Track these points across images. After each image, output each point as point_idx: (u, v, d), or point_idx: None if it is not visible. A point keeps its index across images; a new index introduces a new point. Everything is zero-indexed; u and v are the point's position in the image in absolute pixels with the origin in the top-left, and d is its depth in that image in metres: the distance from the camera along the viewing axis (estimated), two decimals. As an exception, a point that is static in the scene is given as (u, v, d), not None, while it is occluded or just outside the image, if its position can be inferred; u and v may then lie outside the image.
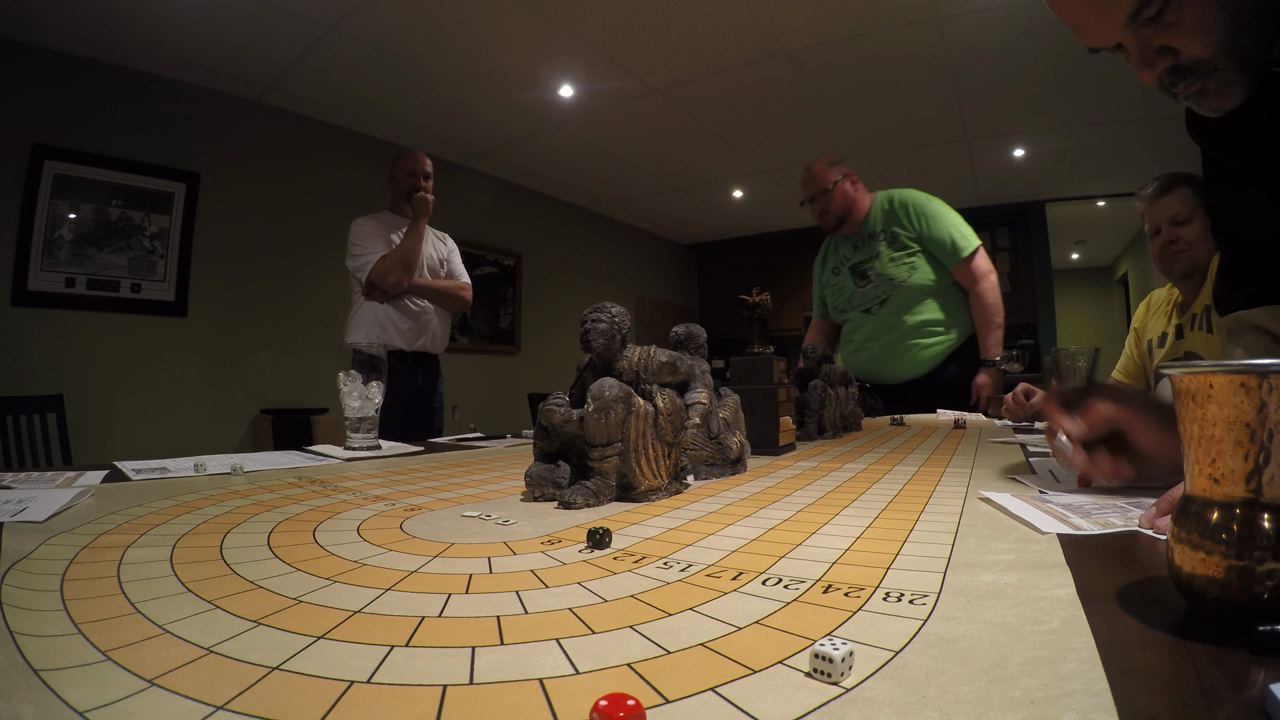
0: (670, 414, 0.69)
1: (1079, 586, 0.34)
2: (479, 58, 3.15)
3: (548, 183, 5.10)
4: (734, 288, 2.87)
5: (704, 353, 0.91)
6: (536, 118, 3.84)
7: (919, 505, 0.58)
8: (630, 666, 0.25)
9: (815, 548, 0.44)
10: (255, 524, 0.52)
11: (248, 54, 3.02)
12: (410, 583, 0.37)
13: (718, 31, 2.95)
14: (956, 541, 0.44)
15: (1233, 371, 0.27)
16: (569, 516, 0.56)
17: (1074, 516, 0.51)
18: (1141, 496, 0.58)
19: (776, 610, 0.32)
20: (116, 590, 0.35)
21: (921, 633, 0.28)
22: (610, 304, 0.72)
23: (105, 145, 2.99)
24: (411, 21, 2.82)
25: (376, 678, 0.24)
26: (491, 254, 4.84)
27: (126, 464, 0.90)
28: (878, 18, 2.85)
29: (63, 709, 0.22)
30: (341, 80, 3.33)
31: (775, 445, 1.03)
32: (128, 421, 3.03)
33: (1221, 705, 0.22)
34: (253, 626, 0.30)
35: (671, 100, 3.65)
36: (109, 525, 0.51)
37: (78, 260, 2.91)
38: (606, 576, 0.38)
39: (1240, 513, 0.27)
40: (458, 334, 4.56)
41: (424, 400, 2.21)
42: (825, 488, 0.69)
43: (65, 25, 2.70)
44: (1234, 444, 0.27)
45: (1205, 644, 0.26)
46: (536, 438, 0.67)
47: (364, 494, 0.68)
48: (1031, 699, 0.22)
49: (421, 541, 0.47)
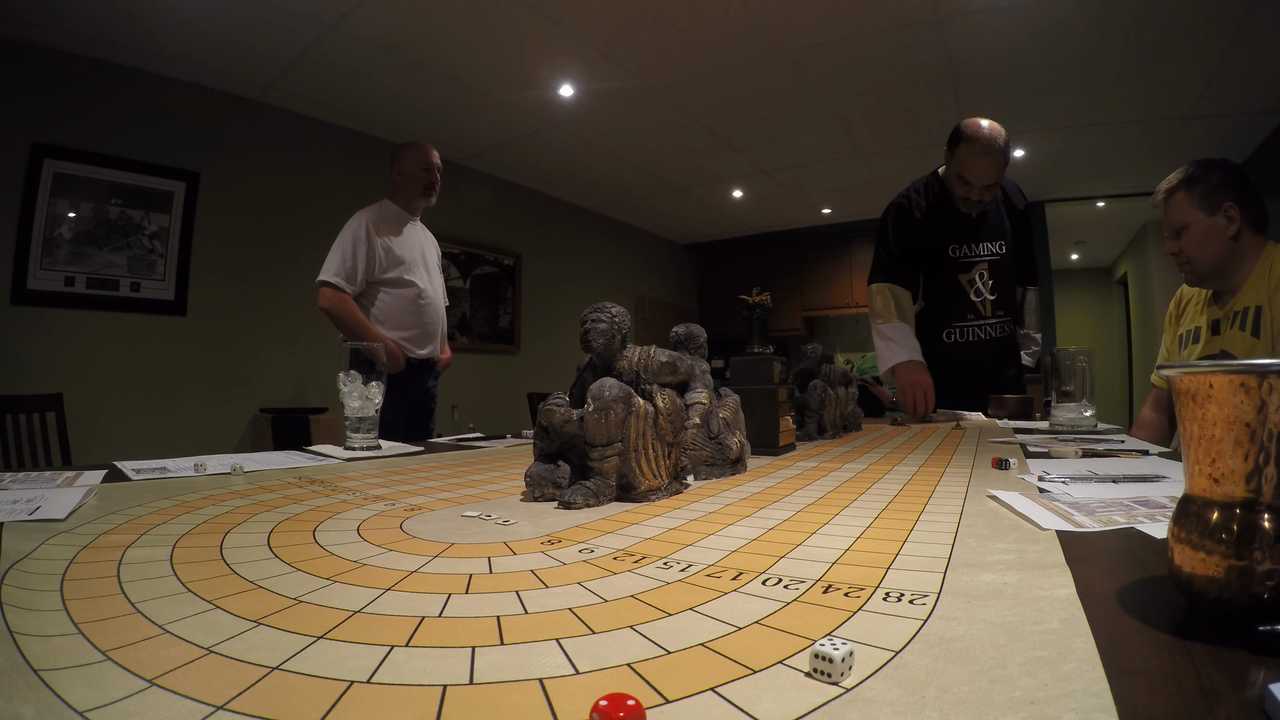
0: (670, 414, 0.69)
1: (1079, 586, 0.34)
2: (479, 57, 3.15)
3: (548, 182, 5.09)
4: (734, 288, 2.88)
5: (704, 353, 0.91)
6: (537, 117, 3.83)
7: (919, 505, 0.58)
8: (630, 666, 0.25)
9: (815, 548, 0.44)
10: (255, 524, 0.52)
11: (248, 53, 3.02)
12: (410, 583, 0.37)
13: (718, 31, 2.95)
14: (956, 541, 0.44)
15: (1233, 371, 0.27)
16: (569, 516, 0.56)
17: (1077, 514, 0.51)
18: (1145, 495, 0.58)
19: (776, 610, 0.32)
20: (116, 590, 0.35)
21: (921, 633, 0.28)
22: (610, 304, 0.72)
23: (105, 144, 2.99)
24: (411, 21, 2.82)
25: (376, 678, 0.24)
26: (491, 253, 4.83)
27: (126, 464, 0.90)
28: (878, 18, 2.85)
29: (63, 709, 0.21)
30: (341, 80, 3.33)
31: (775, 445, 1.03)
32: (127, 421, 3.03)
33: (1221, 705, 0.22)
34: (253, 626, 0.30)
35: (671, 100, 3.65)
36: (109, 525, 0.51)
37: (77, 259, 2.91)
38: (606, 576, 0.38)
39: (1240, 513, 0.27)
40: (457, 333, 4.56)
41: (425, 401, 2.23)
42: (825, 488, 0.69)
43: (65, 24, 2.70)
44: (1234, 444, 0.27)
45: (1205, 644, 0.26)
46: (536, 438, 0.67)
47: (364, 494, 0.68)
48: (1031, 699, 0.22)
49: (421, 541, 0.47)
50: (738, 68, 3.28)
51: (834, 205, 5.75)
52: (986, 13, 2.80)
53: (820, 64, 3.25)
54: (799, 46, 3.09)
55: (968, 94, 3.56)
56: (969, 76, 3.36)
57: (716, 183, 5.18)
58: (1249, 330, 1.49)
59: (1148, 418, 1.82)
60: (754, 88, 3.50)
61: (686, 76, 3.37)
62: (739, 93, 3.55)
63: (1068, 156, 4.42)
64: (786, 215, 6.02)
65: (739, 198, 5.50)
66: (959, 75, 3.35)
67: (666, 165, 4.73)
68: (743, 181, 5.15)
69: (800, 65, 3.27)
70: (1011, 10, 2.77)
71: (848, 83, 3.45)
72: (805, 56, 3.19)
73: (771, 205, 5.66)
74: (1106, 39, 2.95)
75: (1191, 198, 1.50)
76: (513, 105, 3.68)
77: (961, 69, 3.28)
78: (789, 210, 5.85)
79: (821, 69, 3.30)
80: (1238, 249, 1.48)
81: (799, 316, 6.50)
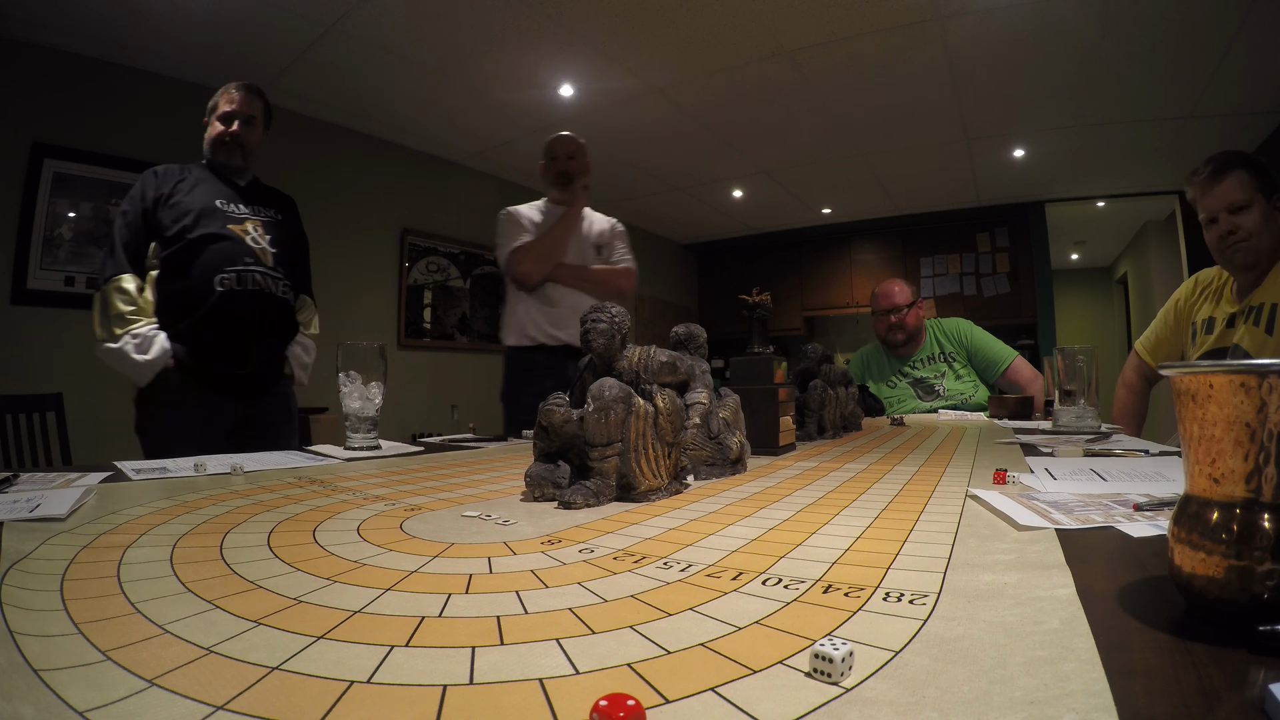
0: (670, 414, 0.69)
1: (1079, 586, 0.34)
2: (479, 57, 3.15)
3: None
4: (734, 288, 2.88)
5: (704, 353, 0.91)
6: (537, 116, 3.83)
7: (919, 505, 0.58)
8: (630, 666, 0.25)
9: (815, 548, 0.44)
10: (255, 524, 0.52)
11: (248, 53, 3.02)
12: (410, 583, 0.37)
13: (718, 31, 2.95)
14: (956, 541, 0.44)
15: (1233, 371, 0.27)
16: (569, 516, 0.56)
17: (1055, 512, 0.51)
18: (1126, 495, 0.58)
19: (776, 610, 0.32)
20: (116, 590, 0.35)
21: (921, 633, 0.28)
22: (610, 304, 0.72)
23: (105, 144, 2.99)
24: (411, 21, 2.82)
25: (376, 678, 0.24)
26: (491, 253, 4.83)
27: (127, 464, 0.90)
28: (878, 18, 2.85)
29: (63, 709, 0.21)
30: (341, 80, 3.33)
31: (775, 445, 1.03)
32: (127, 421, 3.03)
33: (1221, 705, 0.22)
34: (253, 626, 0.30)
35: (672, 100, 3.65)
36: (109, 525, 0.51)
37: (77, 259, 2.91)
38: (606, 576, 0.38)
39: (1240, 513, 0.27)
40: (456, 333, 4.56)
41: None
42: (825, 488, 0.69)
43: (65, 23, 2.70)
44: (1234, 444, 0.27)
45: (1205, 644, 0.26)
46: (536, 438, 0.67)
47: (364, 494, 0.68)
48: (1031, 699, 0.22)
49: (421, 541, 0.47)
50: (738, 67, 3.28)
51: (834, 205, 5.75)
52: (986, 13, 2.80)
53: (820, 64, 3.25)
54: (799, 46, 3.09)
55: (968, 94, 3.56)
56: (969, 76, 3.35)
57: (716, 182, 5.18)
58: (1263, 327, 1.47)
59: (1123, 385, 1.89)
60: (754, 87, 3.50)
61: (687, 76, 3.37)
62: (739, 92, 3.55)
63: (1068, 156, 4.42)
64: (787, 215, 6.01)
65: (739, 197, 5.50)
66: (959, 75, 3.34)
67: (667, 165, 4.73)
68: (743, 181, 5.15)
69: (800, 65, 3.27)
70: (1011, 10, 2.77)
71: (848, 83, 3.45)
72: (805, 56, 3.18)
73: (772, 205, 5.66)
74: (1106, 39, 2.95)
75: (1253, 178, 1.45)
76: (513, 105, 3.68)
77: (961, 69, 3.28)
78: (789, 210, 5.85)
79: (822, 69, 3.30)
80: (1277, 241, 1.46)
81: (799, 316, 6.49)
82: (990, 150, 4.38)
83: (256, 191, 1.72)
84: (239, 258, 1.55)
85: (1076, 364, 1.41)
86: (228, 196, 1.63)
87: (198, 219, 1.54)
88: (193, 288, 1.51)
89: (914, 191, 5.24)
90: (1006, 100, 3.62)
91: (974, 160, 4.57)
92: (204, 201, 1.57)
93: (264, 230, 1.63)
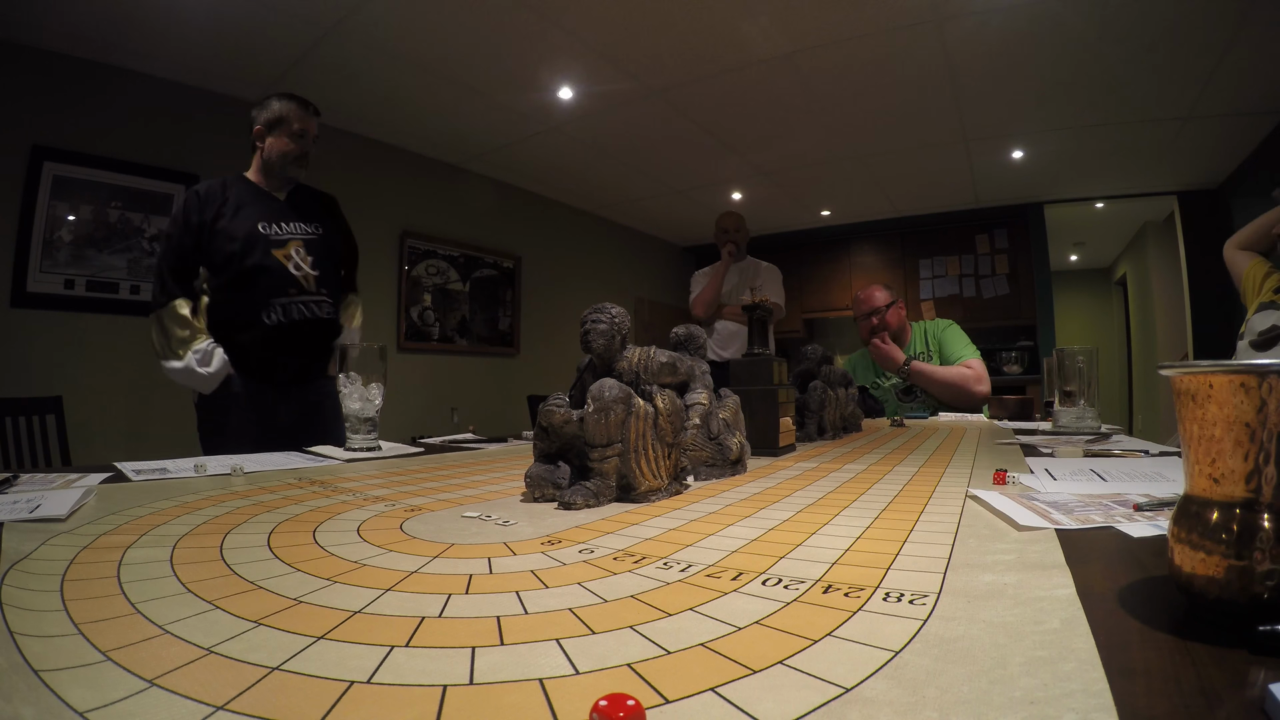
0: (670, 415, 0.69)
1: (1079, 586, 0.34)
2: (479, 59, 3.15)
3: (547, 185, 5.09)
4: (734, 289, 2.89)
5: (704, 354, 0.91)
6: (536, 120, 3.83)
7: (919, 505, 0.58)
8: (630, 667, 0.25)
9: (815, 548, 0.44)
10: (255, 525, 0.52)
11: (247, 55, 3.02)
12: (410, 583, 0.37)
13: (717, 33, 2.95)
14: (956, 541, 0.44)
15: (1232, 371, 0.27)
16: (569, 517, 0.56)
17: (1055, 513, 0.51)
18: (1126, 495, 0.58)
19: (776, 610, 0.32)
20: (117, 590, 0.35)
21: (921, 633, 0.28)
22: (610, 305, 0.72)
23: (105, 147, 2.99)
24: (411, 23, 2.82)
25: (376, 678, 0.24)
26: (491, 256, 4.83)
27: (126, 465, 0.90)
28: (877, 19, 2.86)
29: (63, 709, 0.21)
30: (340, 83, 3.33)
31: (775, 446, 1.03)
32: (127, 423, 3.03)
33: (1221, 705, 0.22)
34: (253, 627, 0.30)
35: (671, 102, 3.66)
36: (109, 525, 0.51)
37: (77, 262, 2.91)
38: (606, 577, 0.38)
39: (1240, 513, 0.27)
40: (456, 336, 4.56)
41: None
42: (825, 488, 0.69)
43: (65, 27, 2.70)
44: (1234, 444, 0.27)
45: (1205, 644, 0.26)
46: (536, 438, 0.67)
47: (364, 495, 0.68)
48: (1031, 699, 0.22)
49: (421, 542, 0.47)
50: (737, 70, 3.28)
51: (833, 207, 5.75)
52: (986, 13, 2.80)
53: (819, 66, 3.25)
54: (798, 48, 3.10)
55: (966, 96, 3.56)
56: (969, 77, 3.36)
57: (716, 185, 5.18)
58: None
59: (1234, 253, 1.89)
60: (753, 90, 3.50)
61: (686, 79, 3.38)
62: (738, 95, 3.56)
63: (1066, 158, 4.42)
64: (786, 217, 6.01)
65: (738, 200, 5.50)
66: (959, 75, 3.35)
67: (666, 167, 4.73)
68: (742, 184, 5.15)
69: (799, 67, 3.27)
70: (1011, 10, 2.77)
71: (847, 84, 3.45)
72: (804, 58, 3.19)
73: (771, 207, 5.66)
74: (1106, 39, 2.96)
75: None
76: (512, 108, 3.68)
77: (961, 69, 3.28)
78: (788, 212, 5.85)
79: (821, 71, 3.30)
80: None
81: (798, 318, 6.49)
82: (989, 152, 4.38)
83: (298, 200, 1.75)
84: (284, 289, 1.60)
85: (1076, 365, 1.41)
86: (270, 216, 1.66)
87: (244, 249, 1.59)
88: (239, 320, 1.59)
89: (913, 193, 5.24)
90: (1005, 101, 3.62)
91: (973, 162, 4.57)
92: (248, 228, 1.61)
93: (306, 251, 1.66)
